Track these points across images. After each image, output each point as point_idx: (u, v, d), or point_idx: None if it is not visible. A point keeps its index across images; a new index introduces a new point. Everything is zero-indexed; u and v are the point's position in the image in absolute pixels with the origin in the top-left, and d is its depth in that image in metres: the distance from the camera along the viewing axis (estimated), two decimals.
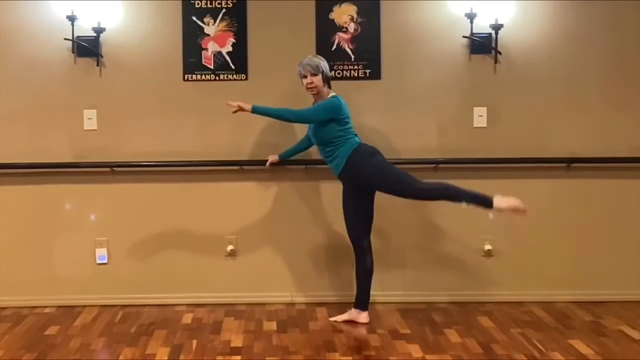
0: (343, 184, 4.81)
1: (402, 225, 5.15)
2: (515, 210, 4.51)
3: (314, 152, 5.03)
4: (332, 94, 4.74)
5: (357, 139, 4.73)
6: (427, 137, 5.21)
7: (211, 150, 5.18)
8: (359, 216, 4.79)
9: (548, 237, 5.26)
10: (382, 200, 4.82)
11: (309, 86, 4.71)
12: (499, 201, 4.49)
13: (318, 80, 4.70)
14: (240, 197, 5.22)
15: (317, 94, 4.74)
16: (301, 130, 5.05)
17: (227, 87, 5.17)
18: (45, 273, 5.20)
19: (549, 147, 5.22)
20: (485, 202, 4.52)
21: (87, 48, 5.08)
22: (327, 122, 4.65)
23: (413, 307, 5.09)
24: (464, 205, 4.55)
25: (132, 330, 4.70)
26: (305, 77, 4.71)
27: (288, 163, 5.11)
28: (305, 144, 5.00)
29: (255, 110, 4.67)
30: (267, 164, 5.06)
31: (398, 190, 4.66)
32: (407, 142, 5.19)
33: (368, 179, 4.66)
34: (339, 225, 5.06)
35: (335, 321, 4.82)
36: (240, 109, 4.68)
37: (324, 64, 4.71)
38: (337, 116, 4.64)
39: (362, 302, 4.83)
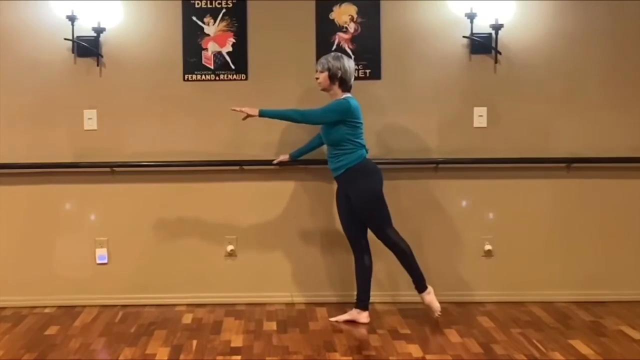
0: (337, 185, 4.82)
1: (401, 226, 5.13)
2: (431, 311, 4.77)
3: (315, 152, 5.04)
4: (346, 95, 4.70)
5: (364, 151, 4.70)
6: (427, 137, 5.21)
7: (211, 150, 5.18)
8: (353, 217, 4.79)
9: (548, 237, 5.25)
10: None
11: (317, 82, 4.72)
12: (428, 294, 4.77)
13: (323, 77, 4.69)
14: (240, 197, 5.22)
15: (328, 93, 4.73)
16: (303, 129, 5.04)
17: (227, 87, 5.17)
18: (45, 273, 5.20)
19: (549, 147, 5.22)
20: (420, 285, 4.78)
21: (87, 48, 5.08)
22: (336, 123, 4.64)
23: (413, 307, 5.09)
24: None
25: (132, 330, 4.70)
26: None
27: (289, 163, 5.10)
28: (316, 143, 4.96)
29: (263, 114, 4.67)
30: (275, 162, 5.05)
31: (370, 225, 4.76)
32: (407, 142, 5.19)
33: (354, 197, 4.68)
34: (339, 225, 5.06)
35: (337, 321, 4.82)
36: (248, 115, 4.67)
37: (335, 63, 4.64)
38: (345, 118, 4.61)
39: (363, 301, 4.83)
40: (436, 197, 5.23)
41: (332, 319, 4.86)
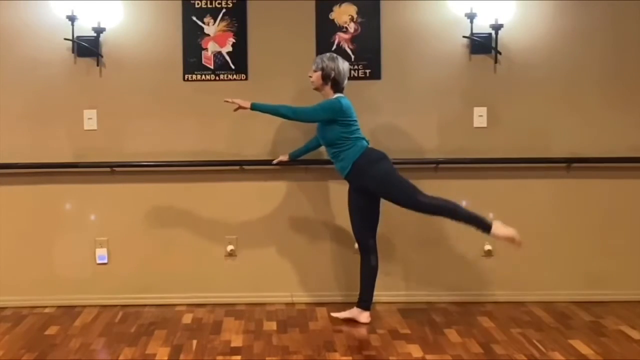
0: (349, 185, 4.80)
1: (402, 225, 5.14)
2: (511, 241, 4.53)
3: (315, 152, 5.04)
4: (338, 95, 4.70)
5: (364, 142, 4.69)
6: (427, 137, 5.21)
7: (211, 150, 5.18)
8: (364, 217, 4.78)
9: (548, 237, 5.26)
10: (382, 201, 4.81)
11: (310, 80, 4.73)
12: (497, 228, 4.51)
13: (316, 77, 4.69)
14: (240, 197, 5.22)
15: (320, 92, 4.73)
16: (303, 130, 5.04)
17: (227, 87, 5.17)
18: (45, 273, 5.20)
19: (549, 147, 5.22)
20: (483, 225, 4.53)
21: (87, 48, 5.08)
22: (329, 122, 4.64)
23: (413, 307, 5.09)
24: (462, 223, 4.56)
25: (132, 330, 4.70)
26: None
27: (288, 163, 5.10)
28: (315, 143, 4.97)
29: (255, 108, 4.67)
30: (275, 162, 5.05)
31: (400, 201, 4.64)
32: (407, 142, 5.19)
33: (372, 185, 4.64)
34: (339, 225, 5.07)
35: (337, 317, 4.82)
36: (240, 107, 4.69)
37: (329, 64, 4.65)
38: (337, 117, 4.62)
39: (365, 301, 4.82)
40: None
41: (333, 314, 4.86)
